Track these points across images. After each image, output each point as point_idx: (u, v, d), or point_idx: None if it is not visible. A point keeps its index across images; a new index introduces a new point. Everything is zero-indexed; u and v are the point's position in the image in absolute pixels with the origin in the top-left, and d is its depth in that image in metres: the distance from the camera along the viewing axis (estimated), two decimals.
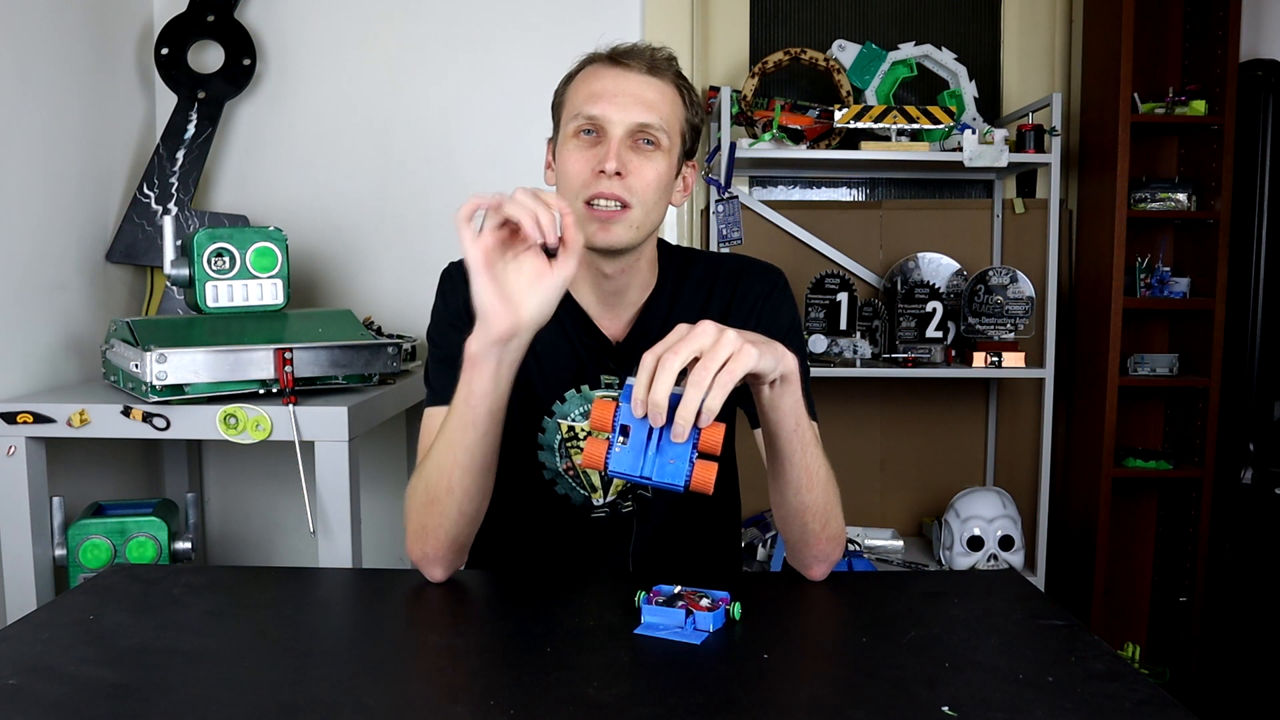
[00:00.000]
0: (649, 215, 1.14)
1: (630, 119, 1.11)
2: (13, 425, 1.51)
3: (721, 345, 0.84)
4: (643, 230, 1.14)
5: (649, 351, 0.84)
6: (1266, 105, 2.28)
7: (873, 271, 2.48)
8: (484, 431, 1.00)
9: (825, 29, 2.51)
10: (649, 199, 1.13)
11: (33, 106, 1.73)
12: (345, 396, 1.59)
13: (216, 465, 2.30)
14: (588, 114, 1.12)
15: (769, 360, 0.88)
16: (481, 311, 0.94)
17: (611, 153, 1.10)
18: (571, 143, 1.14)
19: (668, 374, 0.82)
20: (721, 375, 0.82)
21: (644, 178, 1.12)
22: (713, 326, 0.85)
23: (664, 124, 1.13)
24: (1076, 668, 0.83)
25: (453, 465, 1.02)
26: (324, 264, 2.25)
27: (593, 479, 1.24)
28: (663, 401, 0.82)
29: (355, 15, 2.22)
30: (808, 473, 1.01)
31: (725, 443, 1.29)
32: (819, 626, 1.00)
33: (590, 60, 1.18)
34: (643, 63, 1.13)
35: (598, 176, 1.10)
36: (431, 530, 1.04)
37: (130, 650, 0.87)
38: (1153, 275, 2.35)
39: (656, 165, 1.13)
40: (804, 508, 1.02)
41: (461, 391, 0.99)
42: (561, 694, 0.77)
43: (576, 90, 1.16)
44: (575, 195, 1.11)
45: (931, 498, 2.54)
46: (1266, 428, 2.33)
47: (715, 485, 0.84)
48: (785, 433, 0.97)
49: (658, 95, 1.14)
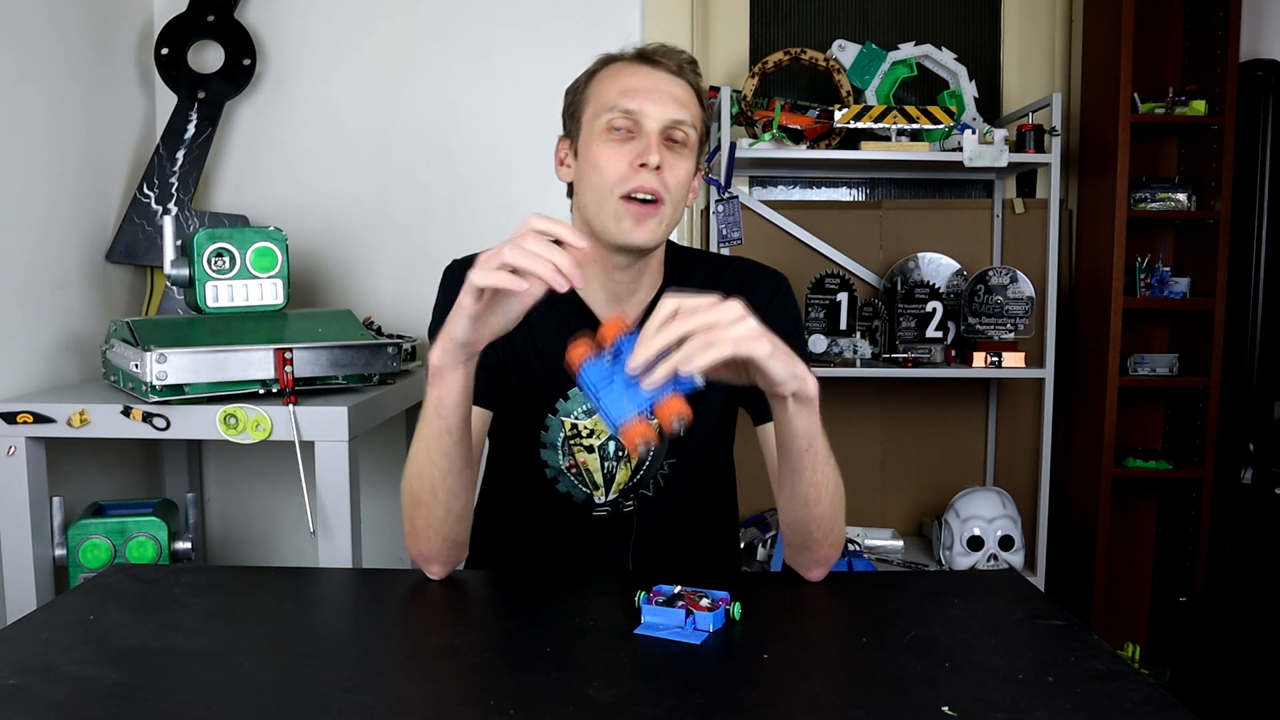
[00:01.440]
0: (676, 213, 1.15)
1: (667, 114, 1.12)
2: (13, 425, 1.51)
3: (739, 324, 0.84)
4: (669, 228, 1.15)
5: (673, 298, 0.84)
6: (1266, 105, 2.28)
7: (873, 271, 2.48)
8: (459, 437, 1.01)
9: (825, 29, 2.51)
10: (679, 196, 1.14)
11: (33, 106, 1.73)
12: (345, 396, 1.59)
13: (216, 465, 2.30)
14: (624, 107, 1.12)
15: (779, 366, 0.88)
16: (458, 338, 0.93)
17: (653, 146, 1.10)
18: (602, 139, 1.13)
19: (673, 329, 0.82)
20: (723, 341, 0.83)
21: (677, 175, 1.13)
22: (740, 306, 0.85)
23: (694, 122, 1.15)
24: (1076, 668, 0.83)
25: (431, 469, 1.02)
26: (324, 264, 2.25)
27: (595, 477, 1.24)
28: (653, 349, 0.82)
29: (355, 15, 2.22)
30: (816, 488, 1.01)
31: (724, 442, 1.31)
32: (819, 626, 1.00)
33: (613, 59, 1.18)
34: (673, 62, 1.16)
35: (637, 170, 1.10)
36: (422, 531, 1.05)
37: (130, 650, 0.87)
38: (1153, 275, 2.35)
39: (686, 164, 1.15)
40: (810, 519, 1.03)
41: (432, 403, 0.99)
42: (561, 694, 0.77)
43: (605, 86, 1.16)
44: (610, 190, 1.12)
45: (931, 498, 2.54)
46: (1266, 428, 2.33)
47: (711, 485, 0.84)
48: (797, 450, 0.98)
49: (687, 95, 1.16)
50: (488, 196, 2.25)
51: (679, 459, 1.24)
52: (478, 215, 2.25)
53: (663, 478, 1.25)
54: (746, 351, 0.84)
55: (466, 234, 2.22)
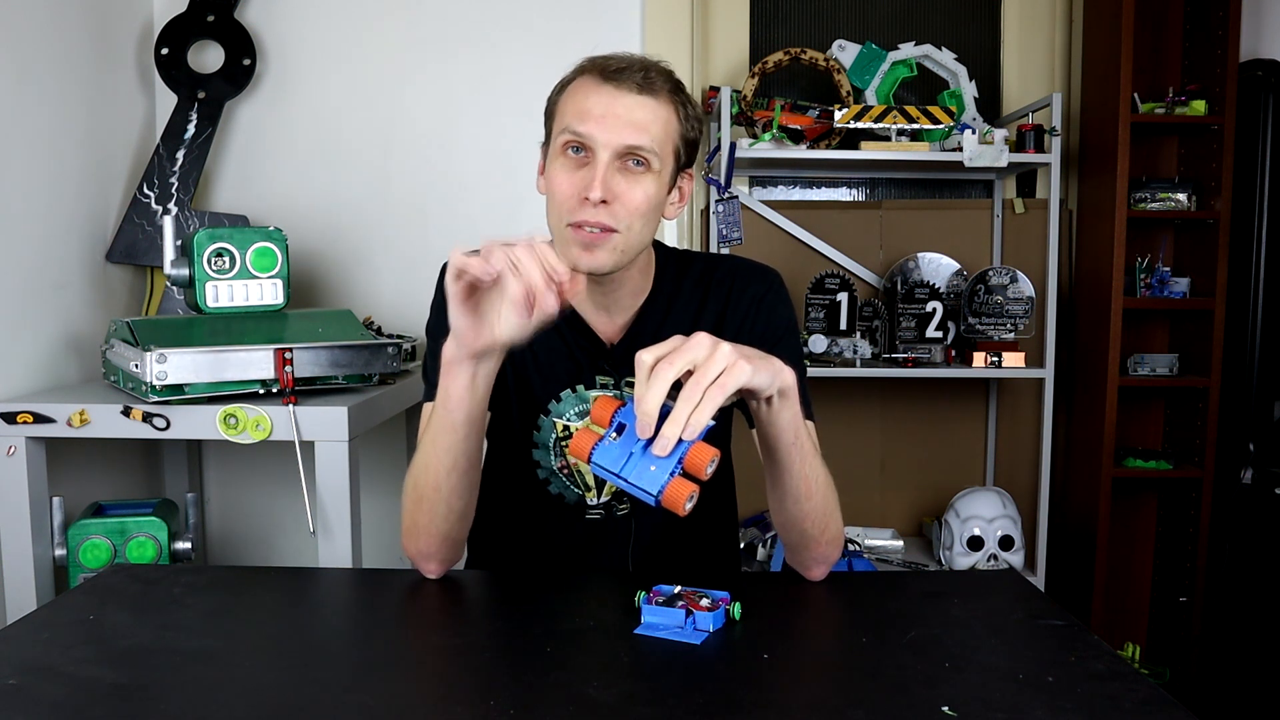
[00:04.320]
0: (636, 238, 1.11)
1: (618, 141, 1.07)
2: (13, 425, 1.51)
3: (715, 359, 0.83)
4: (627, 253, 1.12)
5: (645, 351, 0.84)
6: (1266, 105, 2.28)
7: (873, 271, 2.48)
8: (463, 435, 1.01)
9: (825, 29, 2.51)
10: (635, 223, 1.10)
11: (33, 106, 1.73)
12: (345, 396, 1.59)
13: (216, 465, 2.30)
14: (575, 130, 1.08)
15: (764, 376, 0.87)
16: (455, 329, 0.95)
17: (597, 181, 1.06)
18: (559, 160, 1.11)
19: (661, 384, 0.82)
20: (713, 390, 0.82)
21: (631, 202, 1.09)
22: (707, 339, 0.84)
23: (655, 145, 1.09)
24: (1076, 668, 0.83)
25: (436, 465, 1.02)
26: (324, 264, 2.25)
27: (586, 479, 1.24)
28: (653, 412, 0.81)
29: (355, 15, 2.22)
30: (806, 481, 1.01)
31: (723, 443, 1.30)
32: (819, 626, 1.00)
33: (582, 71, 1.13)
34: (634, 83, 1.09)
35: (583, 203, 1.07)
36: (423, 527, 1.05)
37: (130, 650, 0.87)
38: (1153, 275, 2.35)
39: (645, 187, 1.09)
40: (803, 515, 1.03)
41: (440, 395, 1.00)
42: (561, 694, 0.77)
43: (566, 104, 1.12)
44: (560, 217, 1.10)
45: (931, 498, 2.54)
46: (1266, 428, 2.33)
47: (709, 487, 0.83)
48: (784, 446, 0.97)
49: (649, 115, 1.09)
50: (487, 196, 2.25)
51: None
52: (478, 215, 2.25)
53: None
54: (734, 387, 0.83)
55: (466, 234, 2.21)
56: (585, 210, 1.07)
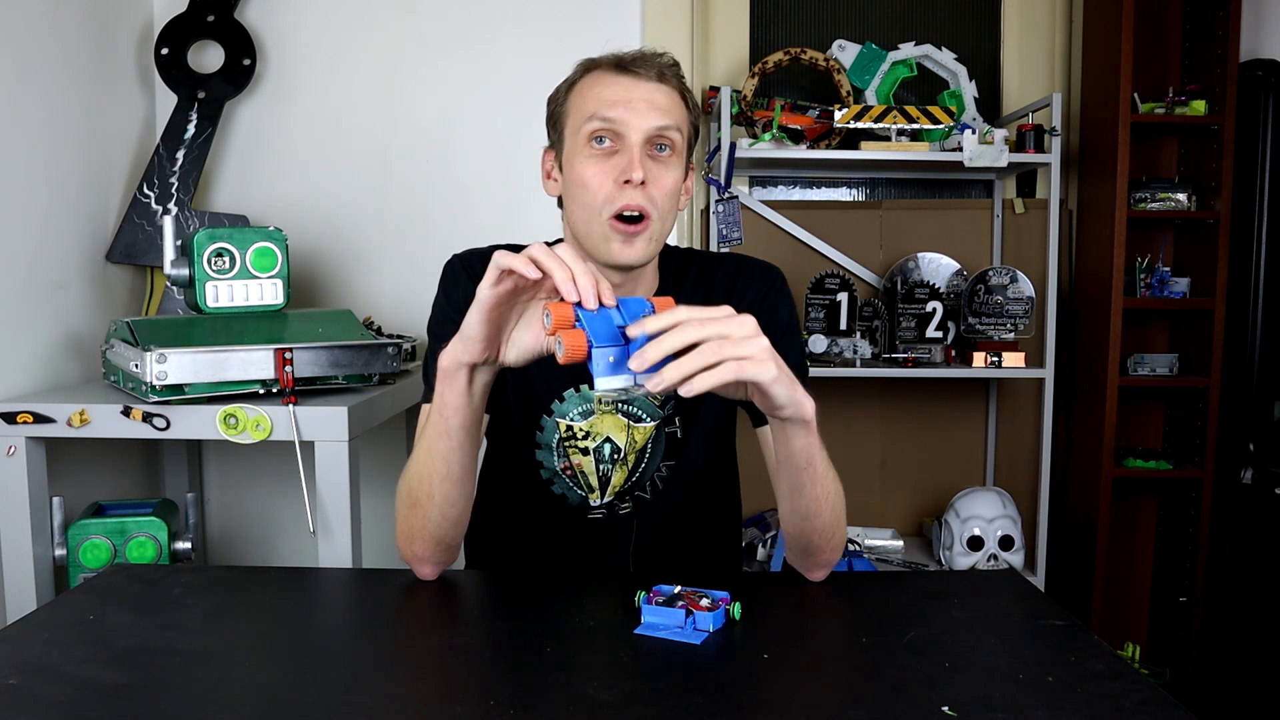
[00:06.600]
0: (664, 225, 1.13)
1: (648, 124, 1.10)
2: (13, 425, 1.51)
3: (748, 343, 0.83)
4: (658, 243, 1.14)
5: (684, 307, 0.83)
6: (1266, 105, 2.28)
7: (873, 271, 2.48)
8: (458, 442, 1.00)
9: (825, 29, 2.51)
10: (666, 208, 1.12)
11: (33, 106, 1.73)
12: (345, 396, 1.59)
13: (216, 465, 2.30)
14: (604, 116, 1.09)
15: (782, 390, 0.87)
16: (467, 333, 0.92)
17: (635, 161, 1.08)
18: (584, 153, 1.11)
19: (681, 336, 0.80)
20: (731, 364, 0.81)
21: (663, 186, 1.11)
22: (752, 323, 0.84)
23: (679, 125, 1.13)
24: (1076, 668, 0.83)
25: (431, 471, 1.02)
26: (324, 264, 2.25)
27: (590, 479, 1.23)
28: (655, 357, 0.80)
29: (355, 15, 2.22)
30: (816, 502, 1.01)
31: (725, 443, 1.30)
32: (819, 626, 1.00)
33: (591, 67, 1.15)
34: (652, 70, 1.12)
35: (622, 188, 1.08)
36: (417, 532, 1.05)
37: (130, 650, 0.87)
38: (1153, 275, 2.35)
39: (673, 172, 1.12)
40: (810, 530, 1.03)
41: (436, 400, 0.99)
42: (561, 694, 0.77)
43: (583, 97, 1.13)
44: (598, 210, 1.09)
45: (931, 498, 2.54)
46: (1266, 428, 2.33)
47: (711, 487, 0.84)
48: (795, 468, 0.98)
49: (669, 100, 1.12)
50: (487, 197, 2.25)
51: (677, 461, 1.24)
52: (477, 216, 2.25)
53: (660, 480, 1.25)
54: (751, 376, 0.83)
55: (466, 234, 2.21)
56: (626, 194, 1.08)
